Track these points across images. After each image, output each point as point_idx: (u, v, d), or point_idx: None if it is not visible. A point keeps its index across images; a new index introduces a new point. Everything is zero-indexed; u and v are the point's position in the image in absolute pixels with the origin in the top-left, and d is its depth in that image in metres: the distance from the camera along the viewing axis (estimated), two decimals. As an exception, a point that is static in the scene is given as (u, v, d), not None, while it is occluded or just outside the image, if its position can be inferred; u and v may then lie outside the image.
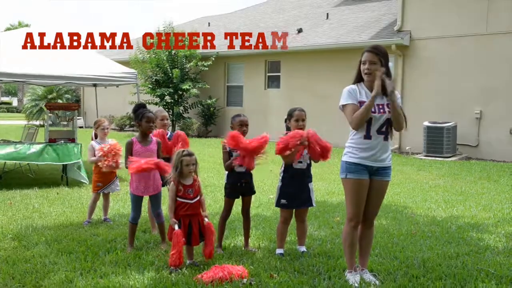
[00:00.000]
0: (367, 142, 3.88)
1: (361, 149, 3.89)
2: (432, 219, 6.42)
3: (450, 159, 13.06)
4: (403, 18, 14.91)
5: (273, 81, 18.52)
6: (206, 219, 4.42)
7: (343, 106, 3.93)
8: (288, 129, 4.80)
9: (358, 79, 3.96)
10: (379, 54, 3.85)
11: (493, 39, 13.36)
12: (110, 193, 6.42)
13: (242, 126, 4.83)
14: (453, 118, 13.69)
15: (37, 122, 22.84)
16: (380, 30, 15.97)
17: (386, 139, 3.93)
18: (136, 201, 4.95)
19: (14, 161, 8.90)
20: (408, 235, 5.53)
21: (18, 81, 10.40)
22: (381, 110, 3.88)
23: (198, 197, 4.43)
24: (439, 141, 13.26)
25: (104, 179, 6.16)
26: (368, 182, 3.94)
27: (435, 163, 12.27)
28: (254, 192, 5.01)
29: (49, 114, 9.43)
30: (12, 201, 7.27)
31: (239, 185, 4.86)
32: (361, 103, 3.87)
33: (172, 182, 4.38)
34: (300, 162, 4.67)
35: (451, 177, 10.17)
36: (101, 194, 6.25)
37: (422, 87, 14.43)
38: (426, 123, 13.48)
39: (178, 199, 4.34)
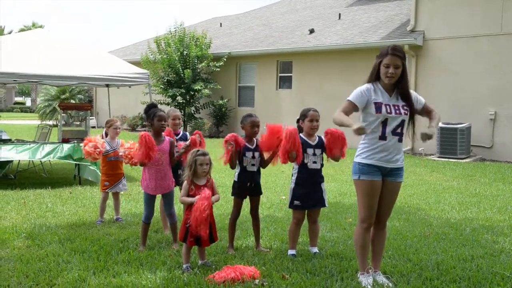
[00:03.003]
0: (382, 143, 3.86)
1: (375, 150, 3.87)
2: (446, 221, 6.37)
3: (464, 160, 12.94)
4: (416, 18, 14.81)
5: (284, 82, 18.50)
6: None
7: (347, 100, 3.92)
8: (300, 129, 4.79)
9: (374, 79, 3.92)
10: (402, 57, 3.82)
11: (508, 39, 13.20)
12: (121, 192, 6.47)
13: (254, 127, 4.82)
14: (467, 119, 13.57)
15: (51, 122, 23.07)
16: (393, 30, 15.88)
17: (400, 140, 3.91)
18: (149, 200, 4.97)
19: (29, 160, 8.98)
20: (422, 237, 5.49)
21: (32, 82, 10.49)
22: (397, 111, 3.86)
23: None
24: (452, 142, 13.15)
25: (111, 179, 6.20)
26: (380, 184, 3.91)
27: (449, 165, 12.16)
28: (261, 193, 5.01)
29: (62, 114, 9.51)
30: (25, 200, 7.35)
31: (248, 185, 4.86)
32: (376, 103, 3.84)
33: (185, 181, 4.38)
34: (315, 162, 4.66)
35: (465, 179, 10.08)
36: (111, 193, 6.28)
37: (435, 88, 14.32)
38: (440, 124, 13.36)
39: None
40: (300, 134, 4.73)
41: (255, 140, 4.88)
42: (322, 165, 4.74)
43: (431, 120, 4.01)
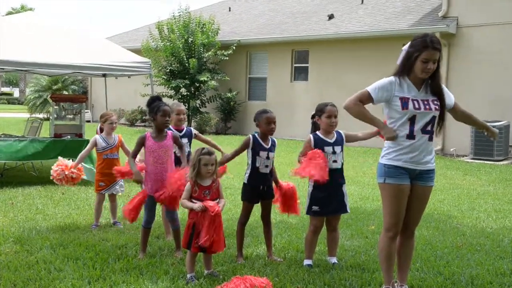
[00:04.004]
0: (410, 143, 3.83)
1: (403, 150, 3.84)
2: (481, 230, 6.33)
3: (501, 162, 12.83)
4: (449, 3, 14.71)
5: (300, 73, 18.47)
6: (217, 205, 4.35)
7: (366, 89, 3.90)
8: (316, 126, 4.78)
9: (404, 73, 3.87)
10: (441, 50, 3.79)
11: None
12: (118, 194, 6.50)
13: (270, 123, 4.82)
14: (505, 116, 13.45)
15: (41, 115, 23.25)
16: (422, 16, 15.79)
17: (431, 139, 3.88)
18: (150, 202, 4.99)
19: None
20: (454, 248, 5.46)
21: (21, 70, 10.57)
22: (427, 107, 3.83)
23: (216, 201, 4.42)
24: (488, 142, 13.03)
25: (106, 179, 6.22)
26: (409, 188, 3.89)
27: (484, 167, 12.07)
28: (273, 196, 5.03)
29: (55, 107, 9.57)
30: (14, 201, 7.41)
31: (261, 188, 4.87)
32: (402, 99, 3.81)
33: (188, 182, 4.40)
34: (335, 161, 4.65)
35: (503, 183, 10.00)
36: (107, 195, 6.31)
37: (469, 81, 14.21)
38: (474, 122, 13.24)
39: (192, 200, 4.35)
40: (317, 132, 4.74)
41: (270, 139, 4.89)
42: (343, 164, 4.74)
43: (481, 124, 4.17)
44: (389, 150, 3.91)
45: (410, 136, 3.83)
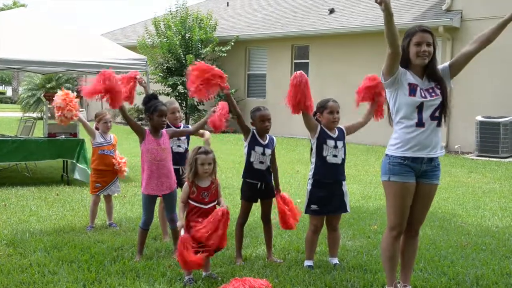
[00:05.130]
0: (420, 130, 3.83)
1: (412, 139, 3.82)
2: (486, 229, 6.33)
3: (507, 160, 12.84)
4: (453, -4, 14.70)
5: (300, 69, 18.37)
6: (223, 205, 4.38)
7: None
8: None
9: (403, 66, 3.89)
10: (433, 35, 3.84)
11: (559, 19, 13.06)
12: (114, 195, 6.52)
13: (264, 121, 4.85)
14: (511, 111, 13.44)
15: (35, 115, 23.23)
16: (425, 9, 15.79)
17: (439, 125, 3.90)
18: (148, 202, 5.00)
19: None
20: (458, 247, 5.47)
21: (13, 68, 10.57)
22: (433, 94, 3.86)
23: (215, 203, 4.43)
24: (494, 138, 13.05)
25: (103, 180, 6.24)
26: (414, 186, 3.89)
27: (490, 165, 12.08)
28: (273, 196, 5.04)
29: (48, 106, 9.56)
30: (6, 202, 7.42)
31: (260, 186, 4.88)
32: (411, 85, 3.83)
33: (186, 183, 4.40)
34: (335, 156, 4.65)
35: (509, 181, 10.00)
36: (102, 196, 6.32)
37: (474, 76, 14.18)
38: (479, 118, 13.27)
39: (190, 202, 4.36)
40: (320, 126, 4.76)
41: (268, 136, 4.91)
42: (343, 160, 4.74)
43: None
44: (397, 140, 3.88)
45: (420, 124, 3.83)
